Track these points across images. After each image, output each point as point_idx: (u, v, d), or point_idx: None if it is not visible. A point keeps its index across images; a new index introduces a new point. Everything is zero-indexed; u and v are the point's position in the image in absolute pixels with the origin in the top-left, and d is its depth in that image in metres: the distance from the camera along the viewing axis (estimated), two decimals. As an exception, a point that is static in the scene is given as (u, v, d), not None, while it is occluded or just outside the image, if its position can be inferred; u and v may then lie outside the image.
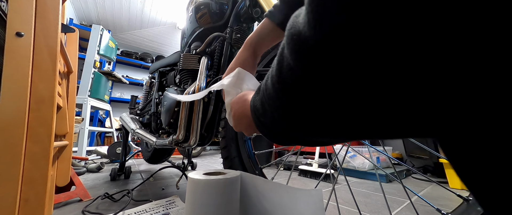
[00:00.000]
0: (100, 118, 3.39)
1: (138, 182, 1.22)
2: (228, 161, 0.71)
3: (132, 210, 0.74)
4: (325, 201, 0.58)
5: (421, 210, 0.82)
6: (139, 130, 1.10)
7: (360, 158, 1.48)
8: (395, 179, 1.19)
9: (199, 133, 0.76)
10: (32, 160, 0.46)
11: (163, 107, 0.92)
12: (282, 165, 1.80)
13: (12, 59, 0.45)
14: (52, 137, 0.50)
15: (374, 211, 0.82)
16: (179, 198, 0.86)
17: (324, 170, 1.42)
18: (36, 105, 0.48)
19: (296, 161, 1.32)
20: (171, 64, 1.12)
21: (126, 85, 3.88)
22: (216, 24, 0.86)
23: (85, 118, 2.08)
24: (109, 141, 3.30)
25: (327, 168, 0.63)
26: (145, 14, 3.35)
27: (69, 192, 0.88)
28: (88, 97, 2.20)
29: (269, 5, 0.61)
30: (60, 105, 0.72)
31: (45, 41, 0.50)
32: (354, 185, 1.26)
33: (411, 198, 0.98)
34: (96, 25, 2.46)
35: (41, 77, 0.49)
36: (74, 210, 0.79)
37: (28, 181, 0.45)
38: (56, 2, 0.53)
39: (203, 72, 0.79)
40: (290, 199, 0.45)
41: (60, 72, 0.78)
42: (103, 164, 1.62)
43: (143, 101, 1.35)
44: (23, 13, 0.47)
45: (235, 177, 0.45)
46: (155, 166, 1.78)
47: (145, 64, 4.27)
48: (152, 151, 1.48)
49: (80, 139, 2.01)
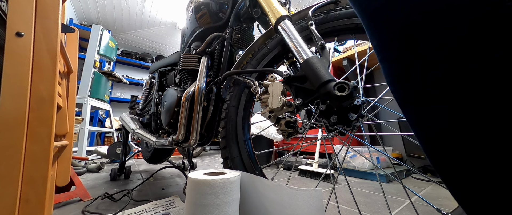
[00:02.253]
0: (100, 118, 3.39)
1: (138, 182, 1.22)
2: (228, 161, 0.71)
3: (132, 210, 0.74)
4: (325, 201, 0.58)
5: (421, 210, 0.82)
6: (139, 130, 1.10)
7: (360, 158, 1.48)
8: (395, 179, 1.19)
9: (199, 133, 0.75)
10: (32, 160, 0.46)
11: (163, 107, 0.92)
12: (282, 165, 1.80)
13: (12, 59, 0.45)
14: (52, 137, 0.50)
15: (374, 211, 0.82)
16: (179, 198, 0.86)
17: (324, 170, 1.42)
18: (36, 105, 0.48)
19: (296, 161, 1.32)
20: (171, 64, 1.12)
21: (126, 85, 3.88)
22: (216, 24, 0.86)
23: (85, 118, 2.08)
24: (109, 141, 3.30)
25: (327, 168, 0.63)
26: (145, 14, 3.35)
27: (69, 192, 0.88)
28: (88, 97, 2.20)
29: (269, 5, 0.60)
30: (60, 105, 0.72)
31: (45, 41, 0.50)
32: (354, 185, 1.26)
33: (411, 198, 0.98)
34: (96, 25, 2.46)
35: (41, 77, 0.49)
36: (74, 210, 0.79)
37: (28, 181, 0.45)
38: (56, 2, 0.53)
39: (203, 72, 0.79)
40: (290, 199, 0.45)
41: (60, 72, 0.78)
42: (103, 164, 1.62)
43: (143, 101, 1.35)
44: (23, 13, 0.47)
45: (235, 177, 0.45)
46: (155, 166, 1.78)
47: (145, 64, 4.27)
48: (152, 151, 1.48)
49: (80, 139, 2.01)
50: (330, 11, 0.57)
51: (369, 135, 1.68)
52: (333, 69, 2.03)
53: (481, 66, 0.14)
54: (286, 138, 0.52)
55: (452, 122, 0.16)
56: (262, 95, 0.52)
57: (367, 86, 0.63)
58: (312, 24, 0.54)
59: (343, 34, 0.56)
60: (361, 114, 0.43)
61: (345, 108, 0.42)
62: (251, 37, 0.85)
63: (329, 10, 0.57)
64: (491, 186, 0.15)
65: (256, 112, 0.77)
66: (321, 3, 0.57)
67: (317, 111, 0.47)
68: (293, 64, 0.68)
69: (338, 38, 0.58)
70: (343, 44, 2.00)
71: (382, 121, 0.52)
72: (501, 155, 0.14)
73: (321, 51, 0.51)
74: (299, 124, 0.52)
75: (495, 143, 0.14)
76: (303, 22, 0.60)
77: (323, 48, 0.51)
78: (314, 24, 0.54)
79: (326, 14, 0.57)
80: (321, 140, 1.13)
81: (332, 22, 0.56)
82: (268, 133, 1.82)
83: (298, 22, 0.61)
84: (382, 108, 0.52)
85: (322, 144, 1.61)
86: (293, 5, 2.97)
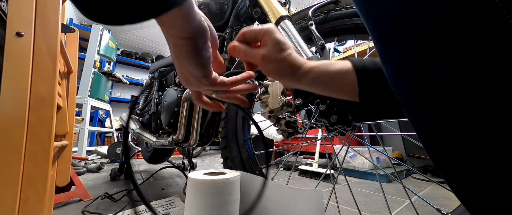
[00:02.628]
0: (100, 118, 3.39)
1: (138, 182, 1.22)
2: (228, 161, 0.71)
3: (132, 210, 0.74)
4: (325, 201, 0.58)
5: (421, 210, 0.82)
6: (139, 130, 1.10)
7: (360, 158, 1.48)
8: (395, 179, 1.19)
9: (199, 133, 0.75)
10: (32, 160, 0.46)
11: (163, 107, 0.92)
12: (282, 165, 1.80)
13: (12, 59, 0.45)
14: (52, 137, 0.50)
15: (374, 211, 0.82)
16: (179, 198, 0.86)
17: (324, 170, 1.42)
18: (36, 105, 0.48)
19: (296, 161, 1.32)
20: (171, 64, 1.12)
21: (126, 85, 3.87)
22: (216, 24, 0.86)
23: (85, 118, 2.08)
24: (109, 141, 3.30)
25: (327, 168, 0.63)
26: (145, 14, 3.34)
27: (69, 192, 0.88)
28: (88, 97, 2.20)
29: (269, 5, 0.60)
30: (60, 105, 0.72)
31: (45, 41, 0.50)
32: (354, 185, 1.26)
33: (411, 198, 0.98)
34: (96, 25, 2.46)
35: (41, 77, 0.49)
36: (74, 210, 0.79)
37: (28, 181, 0.45)
38: (56, 2, 0.53)
39: (203, 72, 0.79)
40: (290, 199, 0.45)
41: (60, 72, 0.78)
42: (103, 164, 1.62)
43: (143, 101, 1.35)
44: (23, 13, 0.47)
45: (235, 177, 0.45)
46: (155, 166, 1.78)
47: (145, 64, 4.26)
48: (152, 151, 1.48)
49: (80, 139, 2.01)
50: (330, 11, 0.57)
51: (369, 135, 1.68)
52: (333, 69, 2.03)
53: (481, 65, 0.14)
54: (286, 138, 0.52)
55: (453, 120, 0.16)
56: (262, 95, 0.52)
57: (367, 86, 0.63)
58: (312, 24, 0.54)
59: (343, 34, 0.56)
60: (361, 114, 0.43)
61: (345, 108, 0.42)
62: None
63: (329, 10, 0.57)
64: (493, 184, 0.15)
65: (256, 112, 0.77)
66: (321, 3, 0.57)
67: (317, 111, 0.47)
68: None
69: (338, 38, 0.58)
70: (343, 44, 2.00)
71: (382, 121, 0.52)
72: (503, 152, 0.14)
73: (321, 51, 0.51)
74: (299, 124, 0.52)
75: (495, 140, 0.14)
76: (303, 22, 0.60)
77: (323, 48, 0.51)
78: (314, 24, 0.54)
79: (326, 14, 0.57)
80: (321, 140, 1.13)
81: (332, 22, 0.56)
82: (268, 133, 1.82)
83: (298, 22, 0.61)
84: (382, 108, 0.52)
85: (322, 144, 1.61)
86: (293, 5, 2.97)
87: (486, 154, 0.15)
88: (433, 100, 0.17)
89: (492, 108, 0.14)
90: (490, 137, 0.15)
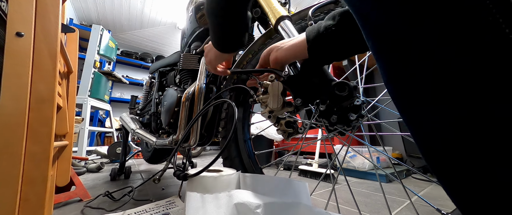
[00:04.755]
0: (100, 118, 3.39)
1: (138, 182, 1.22)
2: (228, 161, 0.71)
3: (132, 210, 0.74)
4: (325, 201, 0.58)
5: (421, 210, 0.82)
6: (139, 130, 1.10)
7: (360, 158, 1.48)
8: (395, 179, 1.19)
9: (199, 133, 0.75)
10: (32, 160, 0.46)
11: (163, 107, 0.92)
12: (282, 165, 1.80)
13: (12, 59, 0.45)
14: (52, 137, 0.50)
15: (374, 211, 0.82)
16: (179, 198, 0.86)
17: (324, 170, 1.42)
18: (36, 105, 0.48)
19: (296, 161, 1.32)
20: (171, 64, 1.12)
21: (126, 85, 3.88)
22: (216, 24, 0.86)
23: (85, 118, 2.08)
24: (109, 141, 3.30)
25: (327, 168, 0.63)
26: (145, 14, 3.35)
27: (69, 192, 0.88)
28: (88, 97, 2.20)
29: (269, 5, 0.60)
30: (60, 105, 0.72)
31: (45, 41, 0.50)
32: (354, 185, 1.26)
33: (411, 198, 0.98)
34: (96, 25, 2.46)
35: (41, 77, 0.49)
36: (74, 210, 0.79)
37: (28, 181, 0.45)
38: (56, 2, 0.53)
39: (203, 72, 0.79)
40: (279, 189, 0.45)
41: (60, 72, 0.78)
42: (103, 164, 1.62)
43: (143, 101, 1.35)
44: (23, 13, 0.47)
45: (231, 175, 0.45)
46: (155, 166, 1.78)
47: (145, 64, 4.27)
48: (152, 151, 1.48)
49: (80, 139, 2.01)
50: (330, 11, 0.57)
51: (369, 135, 1.68)
52: (333, 69, 2.03)
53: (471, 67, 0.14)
54: (286, 138, 0.52)
55: (445, 123, 0.16)
56: (262, 95, 0.52)
57: (367, 86, 0.63)
58: (312, 24, 0.54)
59: (343, 34, 0.56)
60: (361, 114, 0.43)
61: (345, 108, 0.42)
62: (251, 37, 0.85)
63: (329, 10, 0.57)
64: (488, 189, 0.15)
65: (256, 112, 0.77)
66: (321, 3, 0.57)
67: (317, 111, 0.47)
68: (293, 64, 0.68)
69: (338, 38, 0.58)
70: (343, 44, 2.00)
71: (382, 121, 0.52)
72: (497, 157, 0.14)
73: (321, 51, 0.51)
74: (299, 124, 0.52)
75: (489, 144, 0.14)
76: (303, 22, 0.60)
77: (323, 48, 0.51)
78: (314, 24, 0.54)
79: (326, 14, 0.57)
80: (321, 140, 1.13)
81: (332, 22, 0.56)
82: (268, 133, 1.82)
83: (298, 22, 0.61)
84: (382, 108, 0.52)
85: (322, 144, 1.61)
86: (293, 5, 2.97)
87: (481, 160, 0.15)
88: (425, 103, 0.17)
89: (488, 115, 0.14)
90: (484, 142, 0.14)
